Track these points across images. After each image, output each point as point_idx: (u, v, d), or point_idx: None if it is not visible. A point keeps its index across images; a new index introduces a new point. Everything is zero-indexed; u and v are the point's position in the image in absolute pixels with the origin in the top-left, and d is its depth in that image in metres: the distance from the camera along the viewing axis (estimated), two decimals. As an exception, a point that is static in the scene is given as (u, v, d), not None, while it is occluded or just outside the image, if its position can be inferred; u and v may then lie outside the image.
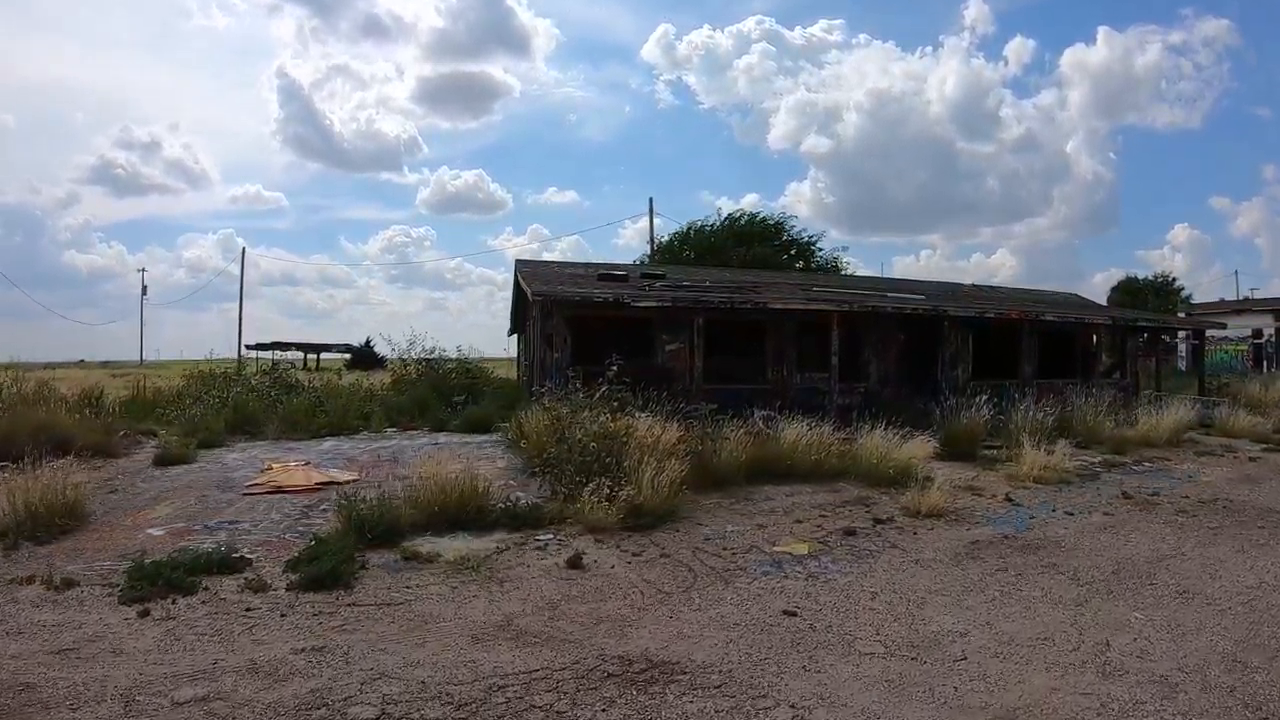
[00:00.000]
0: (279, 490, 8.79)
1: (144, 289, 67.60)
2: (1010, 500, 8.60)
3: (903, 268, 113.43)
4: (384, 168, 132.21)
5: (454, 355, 24.80)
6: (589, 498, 7.14)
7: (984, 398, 12.44)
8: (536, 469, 9.09)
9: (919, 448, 10.20)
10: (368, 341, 54.35)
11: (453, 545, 6.38)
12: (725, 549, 6.61)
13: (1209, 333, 24.54)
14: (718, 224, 29.95)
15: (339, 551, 5.86)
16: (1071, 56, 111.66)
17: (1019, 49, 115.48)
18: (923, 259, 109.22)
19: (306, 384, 20.31)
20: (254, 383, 19.14)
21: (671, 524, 7.30)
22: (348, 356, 55.79)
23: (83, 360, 62.08)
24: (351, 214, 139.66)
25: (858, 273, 31.05)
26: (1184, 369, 34.26)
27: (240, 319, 49.77)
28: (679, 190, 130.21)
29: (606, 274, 16.67)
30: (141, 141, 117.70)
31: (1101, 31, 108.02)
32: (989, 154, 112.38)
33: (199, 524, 7.20)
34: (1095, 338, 20.96)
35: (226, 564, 5.81)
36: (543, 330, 15.29)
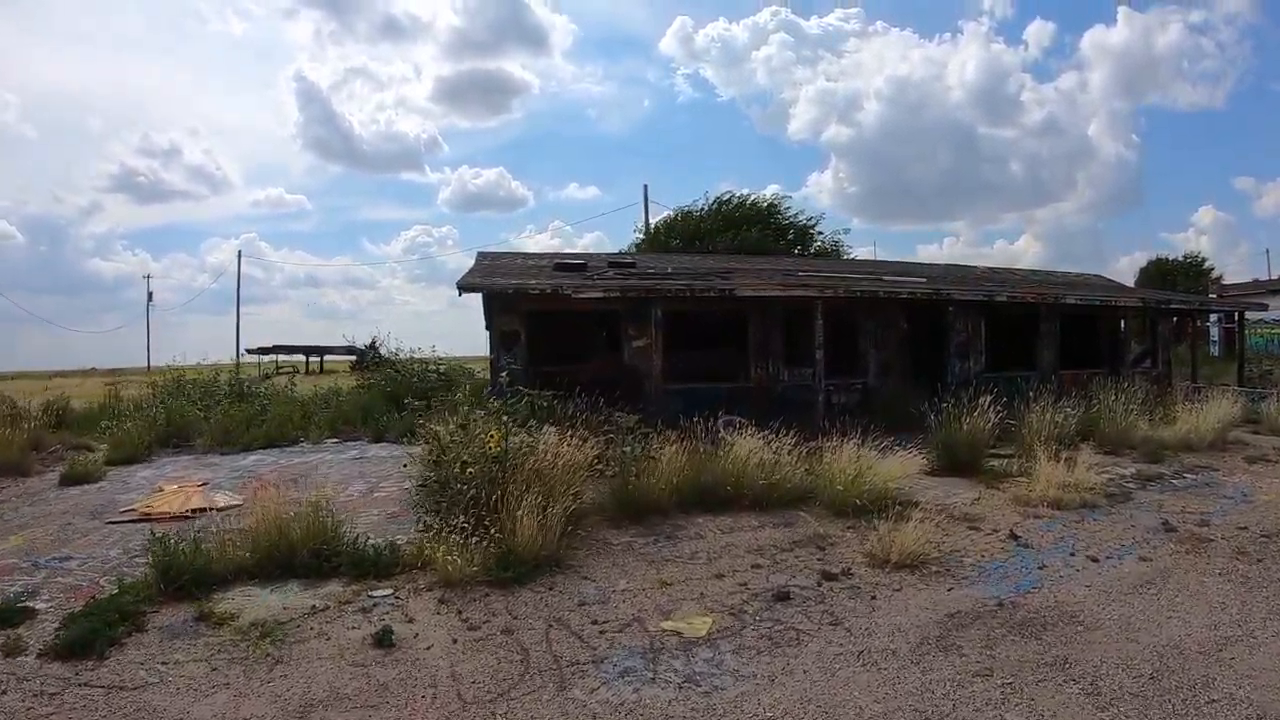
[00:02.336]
0: (147, 518, 7.68)
1: (150, 295, 66.97)
2: (1015, 538, 6.58)
3: (926, 255, 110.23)
4: (405, 168, 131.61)
5: (434, 356, 23.67)
6: (442, 541, 5.65)
7: (989, 397, 10.25)
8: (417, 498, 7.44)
9: (906, 461, 8.16)
10: (373, 342, 52.77)
11: (265, 601, 5.19)
12: (596, 622, 4.80)
13: (1249, 314, 22.15)
14: (705, 208, 27.87)
15: (114, 609, 4.91)
16: (1092, 38, 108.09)
17: (1039, 31, 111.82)
18: (945, 246, 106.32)
19: (262, 390, 19.45)
20: (213, 389, 18.06)
21: (550, 576, 5.62)
22: (352, 358, 54.43)
23: (94, 368, 61.96)
24: (373, 214, 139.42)
25: (879, 260, 28.81)
26: (1217, 354, 31.67)
27: (238, 323, 49.21)
28: (699, 183, 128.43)
29: (563, 264, 14.78)
30: (162, 148, 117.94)
31: (1122, 11, 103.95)
32: (1011, 139, 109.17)
33: (30, 560, 6.35)
34: (1123, 322, 18.75)
35: (4, 617, 4.97)
36: (489, 328, 13.52)
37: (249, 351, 51.83)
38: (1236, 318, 21.15)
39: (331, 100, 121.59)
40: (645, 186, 28.39)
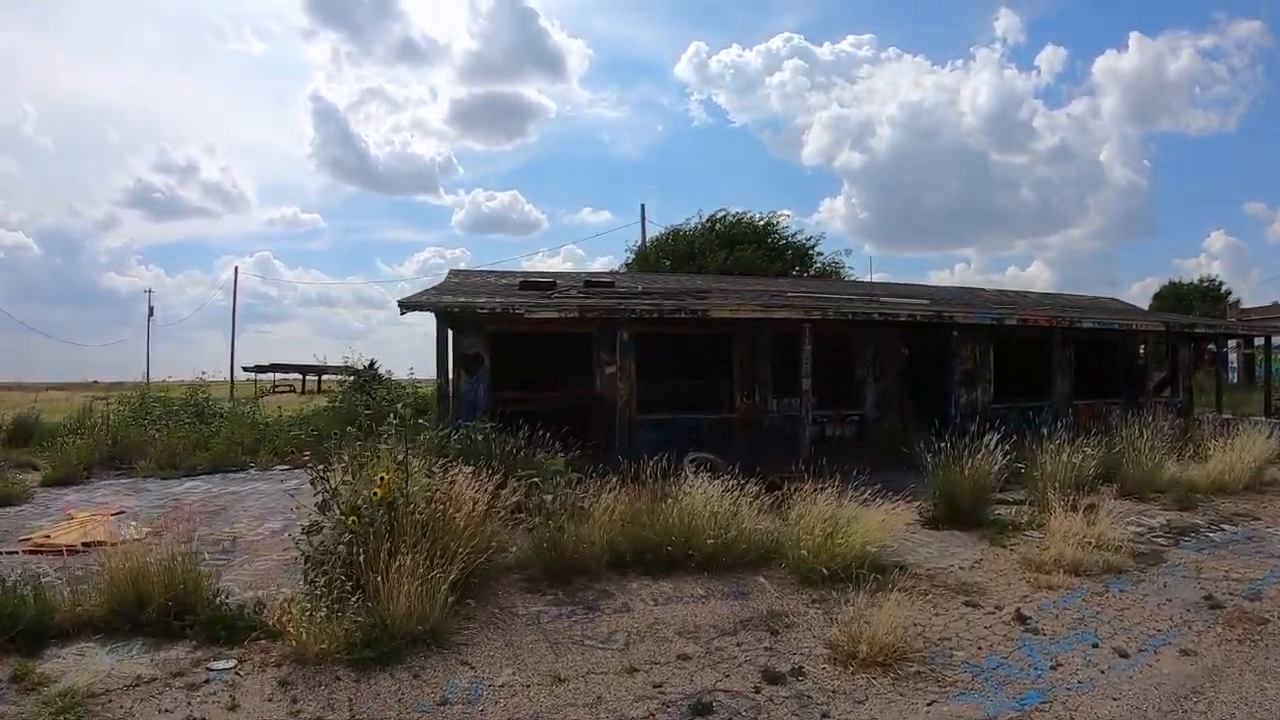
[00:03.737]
0: (39, 550, 7.24)
1: (150, 310, 66.67)
2: (1023, 620, 5.21)
3: (938, 281, 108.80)
4: (419, 189, 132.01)
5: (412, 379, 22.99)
6: (296, 607, 4.72)
7: (997, 434, 8.81)
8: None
9: (894, 514, 6.77)
10: (372, 363, 51.44)
11: (96, 664, 4.43)
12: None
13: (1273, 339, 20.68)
14: (698, 226, 26.56)
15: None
16: (1104, 64, 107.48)
17: (1051, 58, 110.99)
18: (956, 272, 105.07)
19: (227, 411, 18.64)
20: (175, 409, 17.36)
21: (423, 658, 4.51)
22: (350, 379, 53.31)
23: (95, 381, 62.37)
24: (387, 235, 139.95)
25: (879, 281, 27.43)
26: (1235, 381, 30.11)
27: (233, 340, 48.18)
28: (712, 208, 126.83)
29: (529, 282, 13.60)
30: (179, 165, 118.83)
31: (1133, 37, 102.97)
32: (1023, 165, 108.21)
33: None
34: (1142, 348, 17.39)
35: None
36: (439, 349, 12.32)
37: (246, 369, 51.23)
38: (1264, 343, 19.77)
39: (348, 121, 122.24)
40: (642, 206, 27.11)
